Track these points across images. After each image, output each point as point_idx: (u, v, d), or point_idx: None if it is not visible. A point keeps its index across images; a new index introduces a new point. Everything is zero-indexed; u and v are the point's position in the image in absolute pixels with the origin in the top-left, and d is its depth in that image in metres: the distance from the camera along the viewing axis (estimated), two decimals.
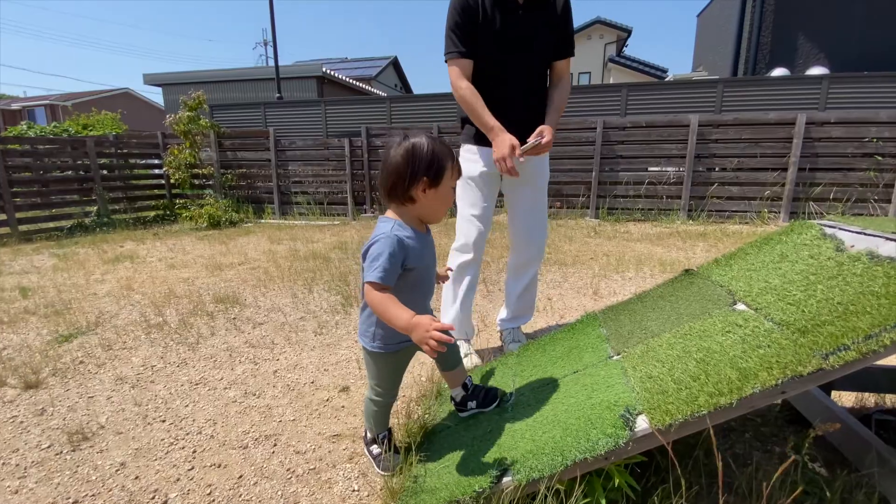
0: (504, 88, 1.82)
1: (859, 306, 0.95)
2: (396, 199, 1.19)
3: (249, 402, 1.84)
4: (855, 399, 1.70)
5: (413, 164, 1.14)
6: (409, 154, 1.14)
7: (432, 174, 1.15)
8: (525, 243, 2.04)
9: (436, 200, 1.19)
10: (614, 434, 1.02)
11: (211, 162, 7.70)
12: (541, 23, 1.77)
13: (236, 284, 3.49)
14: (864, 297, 0.96)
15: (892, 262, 1.03)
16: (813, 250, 1.25)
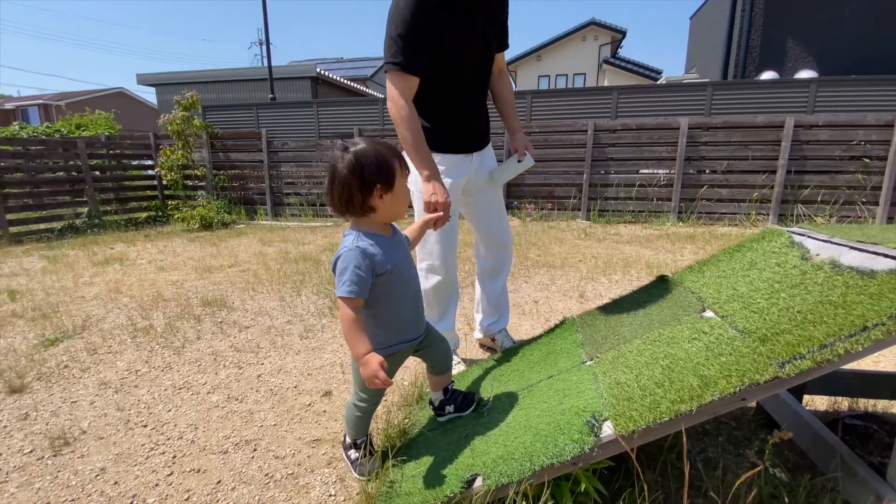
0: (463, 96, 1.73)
1: (817, 315, 0.97)
2: (355, 213, 1.17)
3: (232, 406, 1.85)
4: (829, 403, 1.73)
5: (363, 175, 1.11)
6: (356, 165, 1.11)
7: (384, 179, 1.13)
8: (498, 244, 2.03)
9: (394, 203, 1.18)
10: (580, 440, 1.04)
11: (203, 163, 7.68)
12: (490, 22, 1.68)
13: (225, 287, 3.49)
14: (823, 306, 0.99)
15: (851, 271, 1.05)
16: (780, 258, 1.28)
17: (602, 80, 20.27)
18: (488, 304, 2.16)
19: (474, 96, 1.76)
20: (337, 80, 13.05)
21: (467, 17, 1.59)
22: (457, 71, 1.66)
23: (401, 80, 1.51)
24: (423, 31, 1.49)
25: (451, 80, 1.66)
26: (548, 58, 21.11)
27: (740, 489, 1.19)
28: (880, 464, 1.16)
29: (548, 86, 21.24)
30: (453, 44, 1.59)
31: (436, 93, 1.66)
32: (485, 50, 1.73)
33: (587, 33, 20.58)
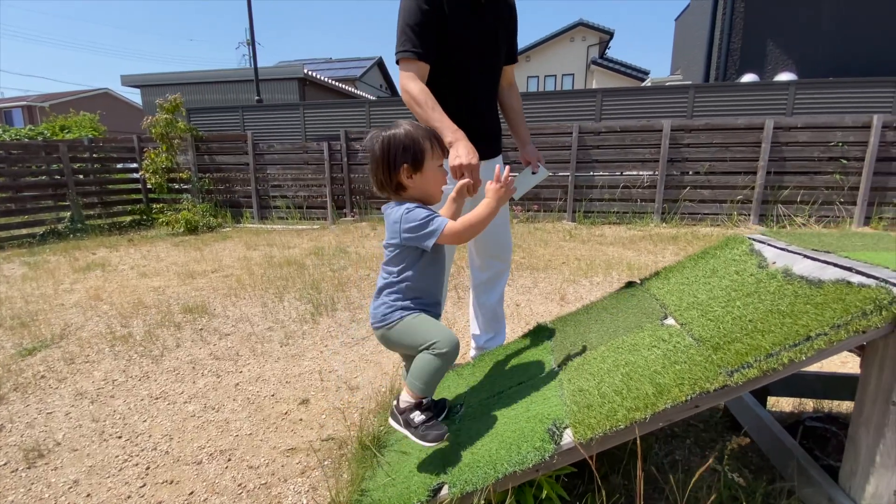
0: (468, 94, 1.70)
1: (766, 324, 1.00)
2: (389, 192, 1.24)
3: (208, 416, 1.85)
4: (794, 404, 1.77)
5: (390, 154, 1.18)
6: (385, 145, 1.18)
7: (410, 159, 1.18)
8: (495, 255, 1.94)
9: (424, 183, 1.22)
10: (542, 448, 1.06)
11: (188, 166, 7.62)
12: (499, 23, 1.70)
13: (207, 293, 3.48)
14: (772, 315, 1.02)
15: (802, 280, 1.09)
16: (739, 266, 1.31)
17: (590, 81, 20.43)
18: (484, 320, 2.04)
19: (479, 100, 1.74)
20: (325, 81, 13.00)
21: (474, 14, 1.61)
22: (462, 69, 1.65)
23: (412, 67, 1.54)
24: (431, 21, 1.54)
25: (456, 78, 1.65)
26: (536, 58, 21.23)
27: (700, 492, 1.22)
28: (837, 466, 1.20)
29: (537, 86, 21.36)
30: (459, 40, 1.60)
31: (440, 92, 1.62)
32: (492, 52, 1.72)
33: (575, 34, 20.73)
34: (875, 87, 6.04)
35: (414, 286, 1.25)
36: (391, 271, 1.25)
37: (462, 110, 1.66)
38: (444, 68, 1.62)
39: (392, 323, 1.24)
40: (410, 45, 1.52)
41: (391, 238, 1.23)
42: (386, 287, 1.26)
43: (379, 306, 1.26)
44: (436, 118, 1.47)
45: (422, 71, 1.55)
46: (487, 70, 1.74)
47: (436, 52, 1.57)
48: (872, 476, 0.96)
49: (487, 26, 1.65)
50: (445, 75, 1.64)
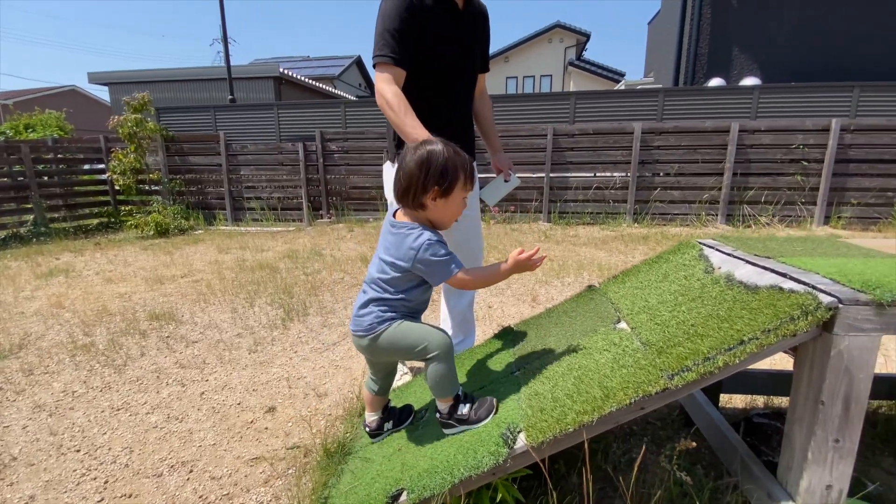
0: (445, 102, 1.71)
1: (706, 329, 1.05)
2: (408, 204, 1.21)
3: (171, 427, 1.82)
4: (748, 401, 1.85)
5: (425, 173, 1.16)
6: (423, 162, 1.16)
7: (444, 184, 1.17)
8: (471, 260, 1.92)
9: (445, 209, 1.21)
10: (497, 452, 1.09)
11: (158, 167, 7.43)
12: (476, 34, 1.74)
13: (175, 299, 3.41)
14: (711, 319, 1.07)
15: (741, 285, 1.14)
16: (688, 271, 1.37)
17: (568, 82, 20.71)
18: (454, 323, 2.03)
19: (455, 108, 1.75)
20: (301, 80, 12.83)
21: (451, 22, 1.63)
22: (439, 78, 1.67)
23: (389, 71, 1.55)
24: (410, 28, 1.54)
25: (433, 86, 1.67)
26: (515, 59, 21.40)
27: (653, 489, 1.27)
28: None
29: (515, 87, 21.54)
30: (435, 49, 1.62)
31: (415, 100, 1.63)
32: (469, 61, 1.73)
33: (553, 35, 20.97)
34: (833, 92, 6.30)
35: (408, 305, 1.27)
36: (388, 290, 1.23)
37: (439, 118, 1.68)
38: (422, 77, 1.63)
39: (379, 332, 1.23)
40: (389, 50, 1.53)
41: (399, 259, 1.20)
42: (377, 300, 1.24)
43: (365, 315, 1.24)
44: (409, 123, 1.48)
45: (398, 76, 1.56)
46: (464, 79, 1.76)
47: (413, 59, 1.58)
48: (806, 471, 1.02)
49: (465, 36, 1.68)
50: (424, 83, 1.65)
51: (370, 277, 1.28)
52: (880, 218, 5.88)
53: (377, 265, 1.26)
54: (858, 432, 0.98)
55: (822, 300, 0.93)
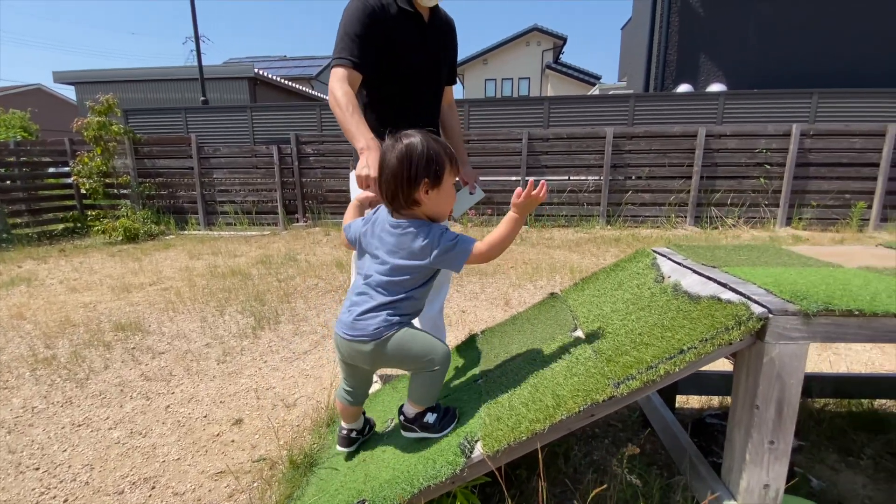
0: (411, 113, 1.71)
1: (651, 337, 1.10)
2: (400, 205, 1.16)
3: (134, 442, 1.79)
4: (704, 401, 1.93)
5: (410, 167, 1.11)
6: (405, 157, 1.11)
7: (432, 174, 1.12)
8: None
9: (440, 200, 1.17)
10: (454, 461, 1.12)
11: (127, 170, 7.23)
12: (442, 45, 1.76)
13: (143, 308, 3.33)
14: (656, 328, 1.12)
15: (685, 295, 1.20)
16: (640, 280, 1.42)
17: (545, 85, 20.99)
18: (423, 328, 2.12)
19: (421, 118, 1.73)
20: (277, 80, 12.65)
21: (417, 31, 1.64)
22: (404, 88, 1.68)
23: (344, 73, 1.54)
24: (372, 35, 1.54)
25: (399, 96, 1.68)
26: (493, 62, 21.58)
27: (609, 491, 1.32)
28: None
29: (494, 90, 21.72)
30: (402, 57, 1.63)
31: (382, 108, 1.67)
32: (435, 72, 1.75)
33: (530, 38, 21.23)
34: (794, 99, 6.58)
35: (415, 305, 1.23)
36: (398, 291, 1.18)
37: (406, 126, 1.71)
38: (388, 84, 1.65)
39: (387, 336, 1.18)
40: (348, 52, 1.54)
41: (414, 259, 1.16)
42: (386, 305, 1.18)
43: (370, 319, 1.18)
44: (353, 122, 1.47)
45: (353, 78, 1.56)
46: (430, 88, 1.78)
47: (378, 67, 1.59)
48: (745, 472, 1.08)
49: (431, 46, 1.70)
50: (390, 91, 1.67)
51: (376, 281, 1.19)
52: (838, 219, 6.16)
53: (381, 268, 1.19)
54: (791, 434, 1.05)
55: (755, 311, 0.98)
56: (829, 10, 7.86)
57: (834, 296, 1.01)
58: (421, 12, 1.64)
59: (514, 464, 1.35)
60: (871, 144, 5.96)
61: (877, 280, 1.13)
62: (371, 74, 1.61)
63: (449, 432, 1.25)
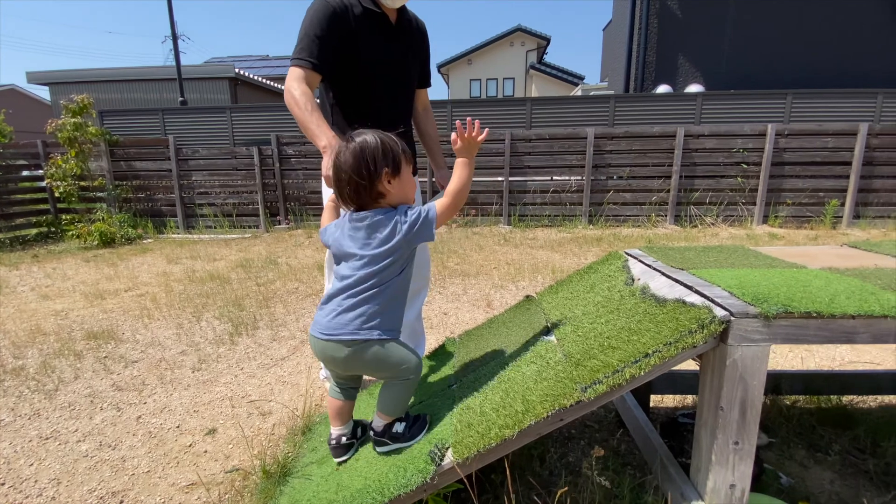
0: (381, 115, 1.68)
1: (618, 341, 1.11)
2: (366, 201, 1.17)
3: (103, 455, 1.74)
4: (679, 400, 1.95)
5: (368, 161, 1.13)
6: (361, 152, 1.13)
7: (391, 163, 1.15)
8: (417, 272, 1.84)
9: (402, 188, 1.19)
10: (425, 469, 1.11)
11: (102, 173, 7.06)
12: (411, 46, 1.75)
13: (116, 316, 3.25)
14: (623, 332, 1.13)
15: (652, 298, 1.21)
16: (611, 282, 1.43)
17: (529, 85, 21.11)
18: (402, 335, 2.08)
19: (391, 121, 1.70)
20: (258, 80, 12.48)
21: (382, 32, 1.63)
22: (370, 90, 1.66)
23: (302, 74, 1.52)
24: (335, 36, 1.53)
25: (368, 98, 1.66)
26: (478, 62, 21.62)
27: (582, 494, 1.33)
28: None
29: (479, 90, 21.77)
30: (366, 57, 1.61)
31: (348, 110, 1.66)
32: (404, 74, 1.74)
33: (514, 39, 21.32)
34: (769, 99, 6.72)
35: (393, 302, 1.20)
36: (377, 283, 1.17)
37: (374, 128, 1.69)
38: (354, 87, 1.63)
39: (370, 342, 1.17)
40: (307, 53, 1.53)
41: (387, 244, 1.15)
42: (365, 302, 1.17)
43: (352, 317, 1.16)
44: (313, 121, 1.47)
45: (311, 79, 1.55)
46: (400, 92, 1.76)
47: (344, 68, 1.58)
48: (711, 472, 1.09)
49: (399, 49, 1.69)
50: (355, 93, 1.65)
51: (355, 278, 1.17)
52: (812, 217, 6.31)
53: (359, 263, 1.18)
54: (755, 435, 1.07)
55: (717, 314, 1.00)
56: (803, 14, 8.05)
57: (794, 298, 1.02)
58: (387, 13, 1.63)
59: (489, 467, 1.35)
60: (844, 143, 6.12)
61: (837, 281, 1.16)
62: (331, 75, 1.60)
63: (419, 439, 1.24)
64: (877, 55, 8.05)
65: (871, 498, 1.37)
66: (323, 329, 1.20)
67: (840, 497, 1.41)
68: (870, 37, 8.02)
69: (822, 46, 8.08)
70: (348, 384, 1.34)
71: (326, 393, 2.05)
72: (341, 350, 1.18)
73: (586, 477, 1.48)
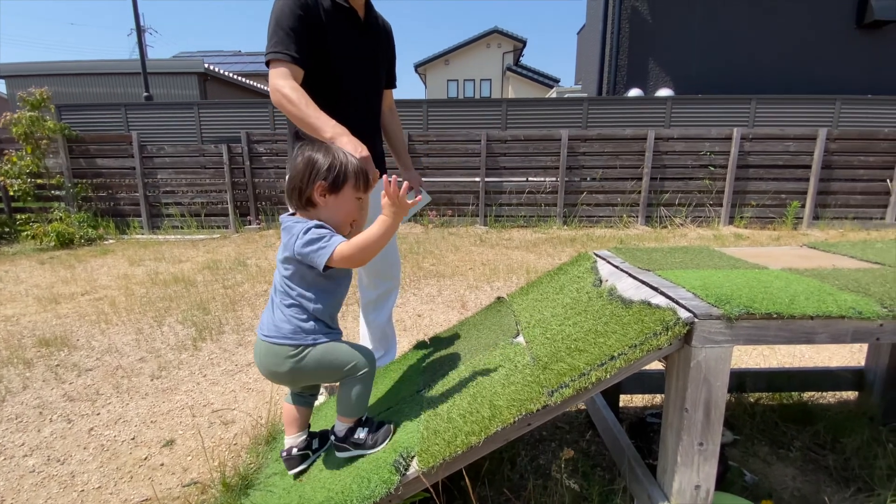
0: (350, 113, 1.62)
1: (585, 343, 1.10)
2: (298, 204, 1.19)
3: (51, 470, 1.63)
4: (648, 399, 1.97)
5: (311, 167, 1.15)
6: (309, 158, 1.16)
7: (330, 178, 1.15)
8: (386, 275, 1.90)
9: (336, 209, 1.19)
10: (389, 479, 1.07)
11: (60, 170, 6.72)
12: (378, 45, 1.72)
13: (71, 321, 3.08)
14: (590, 334, 1.12)
15: (619, 300, 1.20)
16: (580, 283, 1.43)
17: (506, 87, 21.26)
18: (373, 339, 1.98)
19: (363, 120, 1.70)
20: (229, 76, 12.14)
21: (351, 27, 1.59)
22: (338, 86, 1.62)
23: (285, 69, 1.45)
24: (305, 28, 1.48)
25: (338, 97, 1.61)
26: (455, 62, 21.65)
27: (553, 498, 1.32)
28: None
29: (457, 90, 21.80)
30: (336, 53, 1.57)
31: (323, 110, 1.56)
32: (374, 74, 1.72)
33: (491, 40, 21.44)
34: (734, 104, 6.94)
35: (316, 307, 1.19)
36: (289, 288, 1.18)
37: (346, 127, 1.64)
38: (323, 83, 1.58)
39: (303, 351, 1.16)
40: (283, 47, 1.46)
41: (284, 252, 1.17)
42: (289, 305, 1.19)
43: (282, 322, 1.17)
44: (311, 115, 1.40)
45: (296, 74, 1.48)
46: (371, 88, 1.73)
47: (313, 64, 1.52)
48: (677, 473, 1.09)
49: (367, 46, 1.66)
50: (325, 90, 1.59)
51: (277, 281, 1.21)
52: (775, 217, 6.55)
53: (278, 268, 1.22)
54: (719, 435, 1.07)
55: (681, 315, 1.00)
56: (768, 21, 8.36)
57: (756, 299, 1.03)
58: (355, 8, 1.59)
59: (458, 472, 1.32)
60: (804, 147, 6.38)
61: (797, 282, 1.18)
62: (308, 69, 1.53)
63: (382, 448, 1.21)
64: (837, 62, 8.43)
65: (832, 494, 1.41)
66: (263, 329, 1.21)
67: (802, 493, 1.44)
68: (831, 45, 8.40)
69: (787, 53, 8.41)
70: (307, 390, 1.33)
71: None
72: (283, 365, 1.18)
73: (556, 480, 1.47)
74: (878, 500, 1.32)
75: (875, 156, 6.37)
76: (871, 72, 8.43)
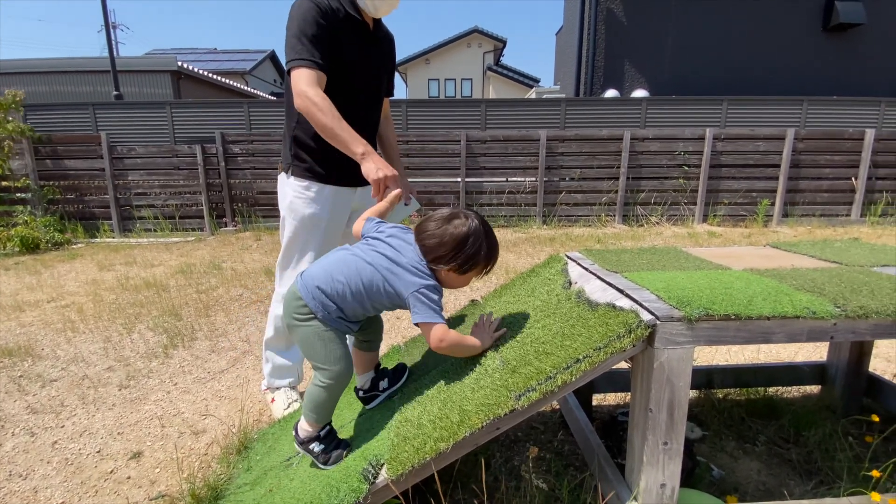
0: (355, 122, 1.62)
1: (553, 346, 1.11)
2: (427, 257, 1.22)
3: (12, 486, 1.57)
4: (621, 398, 2.01)
5: (454, 249, 1.18)
6: (460, 239, 1.18)
7: (465, 265, 1.20)
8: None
9: (454, 281, 1.25)
10: (358, 488, 1.06)
11: (26, 172, 6.48)
12: (384, 56, 1.77)
13: (36, 329, 2.97)
14: (558, 337, 1.13)
15: (586, 302, 1.22)
16: (550, 286, 1.44)
17: (487, 87, 21.34)
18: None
19: (364, 128, 1.73)
20: (204, 75, 11.87)
21: (362, 39, 1.64)
22: (347, 95, 1.63)
23: (310, 75, 1.48)
24: (325, 37, 1.50)
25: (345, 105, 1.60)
26: (436, 62, 21.64)
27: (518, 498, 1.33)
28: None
29: (437, 90, 21.79)
30: (347, 62, 1.60)
31: None
32: (378, 82, 1.76)
33: (471, 40, 21.50)
34: (707, 105, 7.12)
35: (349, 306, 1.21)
36: (355, 279, 1.20)
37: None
38: (336, 91, 1.59)
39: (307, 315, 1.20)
40: (308, 54, 1.48)
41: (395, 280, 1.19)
42: (340, 283, 1.20)
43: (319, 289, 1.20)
44: (344, 128, 1.45)
45: (320, 80, 1.51)
46: (372, 100, 1.78)
47: (328, 64, 1.54)
48: (643, 472, 1.11)
49: (374, 56, 1.71)
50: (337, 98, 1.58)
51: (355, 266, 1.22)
52: (746, 216, 6.74)
53: (374, 257, 1.22)
54: (683, 435, 1.09)
55: (644, 318, 1.01)
56: (739, 25, 8.59)
57: (716, 300, 1.06)
58: (367, 21, 1.65)
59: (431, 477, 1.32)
60: (773, 147, 6.58)
61: (756, 282, 1.21)
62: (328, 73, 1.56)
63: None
64: (804, 65, 8.72)
65: (794, 487, 1.46)
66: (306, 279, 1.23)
67: (766, 487, 1.48)
68: (799, 47, 8.68)
69: (756, 55, 8.66)
70: (362, 336, 1.40)
71: (266, 407, 1.96)
72: (290, 311, 1.22)
73: (528, 480, 1.48)
74: (836, 492, 1.37)
75: (840, 155, 6.62)
76: (837, 73, 8.75)
